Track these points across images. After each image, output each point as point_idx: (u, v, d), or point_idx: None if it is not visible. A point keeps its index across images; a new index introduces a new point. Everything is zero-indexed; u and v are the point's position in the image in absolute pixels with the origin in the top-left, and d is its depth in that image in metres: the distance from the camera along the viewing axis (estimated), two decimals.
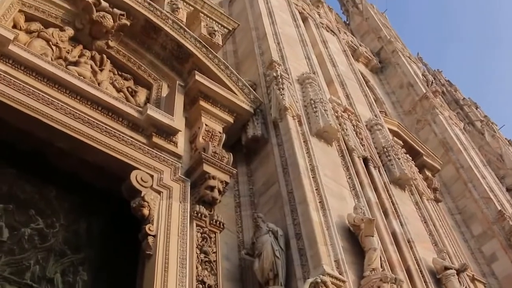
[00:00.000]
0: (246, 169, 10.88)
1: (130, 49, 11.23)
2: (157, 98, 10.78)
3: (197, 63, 11.31)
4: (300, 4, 19.55)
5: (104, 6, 10.65)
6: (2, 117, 8.36)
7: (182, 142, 10.03)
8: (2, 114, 8.35)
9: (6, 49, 8.75)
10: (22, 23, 10.00)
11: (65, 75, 9.27)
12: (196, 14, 13.46)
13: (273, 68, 12.55)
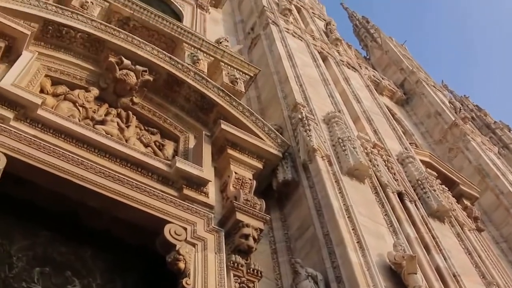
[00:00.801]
0: (280, 214, 10.73)
1: (154, 104, 11.35)
2: (184, 150, 10.80)
3: (221, 112, 11.35)
4: (319, 44, 19.67)
5: (126, 64, 10.84)
6: (34, 181, 8.45)
7: (213, 192, 9.98)
8: (34, 178, 8.44)
9: (35, 114, 8.94)
10: (48, 87, 10.24)
11: (93, 135, 9.39)
12: (216, 63, 13.63)
13: (297, 110, 12.53)
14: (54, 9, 10.70)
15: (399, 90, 25.13)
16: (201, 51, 13.52)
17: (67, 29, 10.74)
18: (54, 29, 10.62)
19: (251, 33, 19.25)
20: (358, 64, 21.75)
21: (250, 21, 20.34)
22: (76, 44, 10.92)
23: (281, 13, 20.31)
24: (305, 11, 24.66)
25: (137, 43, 11.28)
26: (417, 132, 22.64)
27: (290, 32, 18.66)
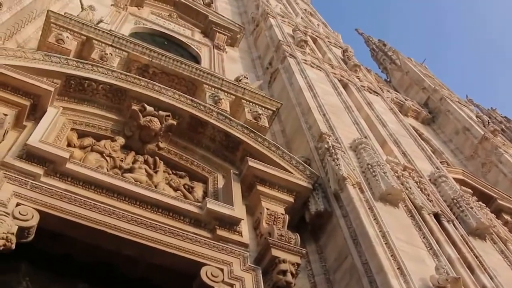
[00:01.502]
0: (316, 246, 10.57)
1: (180, 147, 11.39)
2: (214, 190, 10.78)
3: (247, 149, 11.34)
4: (338, 72, 19.70)
5: (149, 111, 10.94)
6: (68, 234, 8.47)
7: (246, 230, 9.90)
8: (68, 231, 8.45)
9: (64, 168, 9.03)
10: (75, 141, 10.37)
11: (122, 183, 9.43)
12: (238, 101, 13.71)
13: (323, 140, 12.46)
14: (75, 64, 10.90)
15: (424, 109, 24.90)
16: (221, 91, 13.62)
17: (88, 82, 10.91)
18: (76, 83, 10.81)
19: (270, 68, 19.38)
20: (380, 87, 21.69)
21: (267, 56, 20.51)
22: (99, 95, 11.08)
23: (297, 45, 20.46)
24: (321, 41, 24.83)
25: (158, 89, 11.40)
26: (447, 150, 22.30)
27: (308, 63, 18.74)
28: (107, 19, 16.72)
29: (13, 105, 9.51)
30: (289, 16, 26.93)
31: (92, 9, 15.04)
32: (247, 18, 28.08)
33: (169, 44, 18.71)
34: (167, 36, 19.48)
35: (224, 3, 30.76)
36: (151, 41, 17.50)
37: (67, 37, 12.55)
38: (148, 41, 16.66)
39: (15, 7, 12.59)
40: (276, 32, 21.68)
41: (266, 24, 23.44)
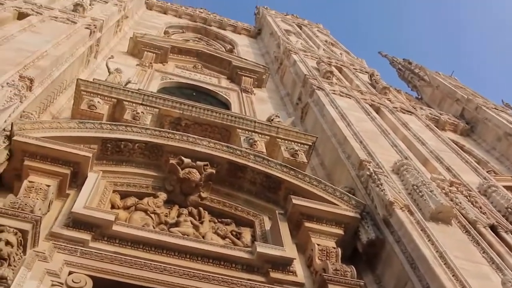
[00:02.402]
0: (373, 276, 10.29)
1: (222, 194, 11.37)
2: (262, 233, 10.66)
3: (289, 187, 11.25)
4: (368, 97, 19.62)
5: (187, 163, 11.00)
6: None
7: (300, 269, 9.72)
8: None
9: (111, 231, 9.10)
10: (118, 202, 10.49)
11: (169, 239, 9.43)
12: (273, 141, 13.71)
13: (364, 167, 12.32)
14: (109, 127, 11.08)
15: (461, 121, 24.46)
16: (255, 133, 13.65)
17: (124, 143, 11.06)
18: (112, 145, 10.96)
19: (299, 103, 19.40)
20: (412, 106, 21.49)
21: (295, 92, 20.56)
22: (136, 154, 11.21)
23: (323, 77, 20.50)
24: (346, 69, 24.85)
25: (192, 140, 11.48)
26: (492, 158, 21.70)
27: (337, 93, 18.73)
28: (134, 79, 17.09)
29: (55, 175, 9.68)
30: (311, 49, 27.09)
31: (118, 71, 15.37)
32: (270, 58, 28.37)
33: (197, 94, 18.94)
34: (194, 87, 19.76)
35: (245, 46, 31.24)
36: (179, 94, 17.78)
37: (98, 102, 12.81)
38: (176, 94, 16.94)
39: (46, 80, 12.96)
40: (300, 67, 21.78)
41: (290, 61, 23.60)
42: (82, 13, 19.26)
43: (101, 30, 18.98)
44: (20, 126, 10.06)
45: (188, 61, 22.61)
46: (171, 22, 32.05)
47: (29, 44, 14.05)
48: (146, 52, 20.73)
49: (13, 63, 12.32)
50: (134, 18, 28.52)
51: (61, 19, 17.69)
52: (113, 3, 23.34)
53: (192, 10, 35.44)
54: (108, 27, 20.42)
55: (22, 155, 9.72)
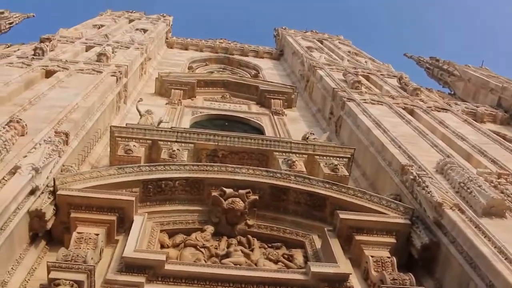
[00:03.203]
0: (432, 281, 10.03)
1: (269, 219, 11.32)
2: (313, 252, 10.54)
3: (334, 202, 11.13)
4: (400, 101, 19.44)
5: (229, 193, 11.02)
6: None
7: (357, 283, 9.57)
8: None
9: (163, 270, 9.14)
10: (167, 241, 10.57)
11: (223, 271, 9.42)
12: (311, 158, 13.64)
13: (407, 172, 12.14)
14: (147, 169, 11.20)
15: (499, 110, 23.91)
16: (292, 153, 13.61)
17: (165, 182, 11.15)
18: (153, 186, 11.06)
19: (332, 117, 19.31)
20: (447, 103, 21.15)
21: (326, 107, 20.49)
22: (178, 192, 11.28)
23: (352, 88, 20.41)
24: (373, 76, 24.70)
25: (231, 169, 11.51)
26: None
27: (368, 101, 18.60)
28: (165, 118, 17.29)
29: (102, 223, 9.84)
30: (335, 62, 27.06)
31: (149, 113, 15.56)
32: (295, 77, 28.42)
33: (230, 123, 19.05)
34: (226, 117, 19.87)
35: (269, 69, 31.38)
36: (212, 126, 17.90)
37: (134, 145, 12.97)
38: (209, 127, 17.06)
39: (81, 132, 13.22)
40: (327, 81, 21.74)
41: (316, 76, 23.58)
42: (106, 62, 19.70)
43: (126, 75, 19.32)
44: (62, 180, 10.27)
45: (216, 92, 22.77)
46: (193, 57, 32.44)
47: (60, 100, 14.40)
48: (173, 90, 20.99)
49: (47, 120, 12.63)
50: (156, 58, 29.00)
51: (87, 71, 18.11)
52: (135, 47, 23.80)
53: (212, 42, 35.86)
54: (133, 72, 20.79)
55: (68, 208, 9.91)
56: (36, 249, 9.61)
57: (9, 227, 8.75)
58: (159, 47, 31.13)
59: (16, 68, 17.50)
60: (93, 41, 24.38)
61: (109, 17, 34.63)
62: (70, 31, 27.19)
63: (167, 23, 36.27)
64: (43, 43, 21.74)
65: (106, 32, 27.52)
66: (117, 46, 23.34)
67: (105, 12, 36.16)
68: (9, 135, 10.92)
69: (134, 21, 34.68)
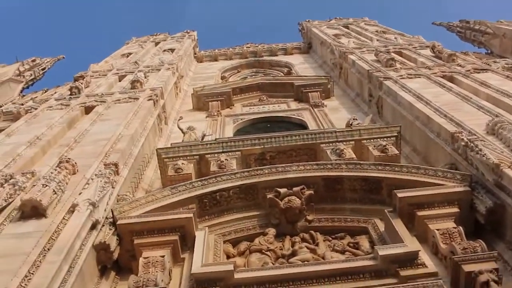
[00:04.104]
0: (504, 243, 9.77)
1: (328, 211, 11.27)
2: (379, 236, 10.42)
3: (390, 183, 10.99)
4: (437, 70, 19.08)
5: (284, 192, 11.03)
6: None
7: (427, 259, 9.38)
8: None
9: (233, 280, 9.21)
10: (232, 251, 10.65)
11: (292, 270, 9.40)
12: (359, 144, 13.57)
13: (457, 139, 11.91)
14: (200, 184, 11.30)
15: None
16: (339, 142, 13.55)
17: (219, 193, 11.25)
18: (209, 199, 11.16)
19: (372, 99, 19.12)
20: (485, 63, 20.62)
21: (364, 90, 20.30)
22: (233, 201, 11.35)
23: (386, 66, 20.14)
24: (406, 51, 24.35)
25: (282, 169, 11.51)
26: None
27: (405, 77, 18.34)
28: (208, 131, 17.46)
29: (165, 245, 9.99)
30: (365, 45, 26.76)
31: (192, 129, 15.74)
32: (328, 66, 28.25)
33: (272, 125, 19.07)
34: (267, 119, 19.90)
35: (301, 64, 31.30)
36: (254, 130, 17.97)
37: (183, 163, 13.14)
38: (252, 131, 17.13)
39: (129, 160, 13.44)
40: (360, 65, 21.56)
41: (348, 62, 23.41)
42: (141, 88, 20.02)
43: (162, 96, 19.58)
44: (120, 210, 10.48)
45: (252, 96, 22.86)
46: (224, 66, 32.65)
47: (103, 133, 14.70)
48: (210, 102, 21.18)
49: (94, 155, 12.92)
50: (189, 75, 29.31)
51: (124, 100, 18.42)
52: (166, 68, 24.10)
53: (240, 48, 36.01)
54: (168, 92, 21.05)
55: (130, 236, 10.11)
56: (107, 280, 9.83)
57: (78, 264, 8.97)
58: (189, 63, 31.44)
59: (56, 111, 17.97)
60: (124, 70, 24.81)
61: (135, 44, 35.19)
62: (101, 65, 27.76)
63: (192, 38, 36.60)
64: (77, 81, 22.28)
65: (135, 59, 27.97)
66: (148, 71, 23.69)
67: (131, 40, 36.77)
68: (61, 176, 11.21)
69: (160, 43, 35.12)
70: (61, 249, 8.88)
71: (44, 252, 8.82)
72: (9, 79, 30.00)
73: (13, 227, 9.85)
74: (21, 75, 31.64)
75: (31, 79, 32.77)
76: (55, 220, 9.78)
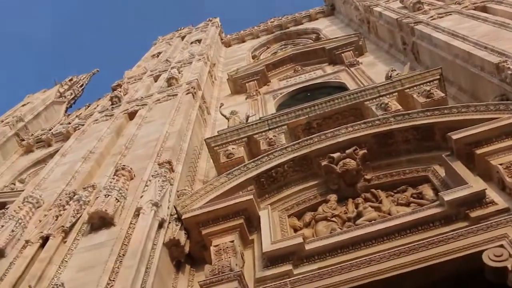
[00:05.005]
0: None
1: (384, 167, 11.19)
2: (441, 182, 10.22)
3: (442, 127, 10.78)
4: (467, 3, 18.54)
5: (338, 156, 11.01)
6: None
7: (496, 196, 9.17)
8: None
9: (305, 252, 9.29)
10: (298, 223, 10.73)
11: (361, 231, 9.39)
12: (402, 94, 13.40)
13: (503, 69, 11.66)
14: (253, 165, 11.41)
15: None
16: (382, 97, 13.41)
17: (274, 170, 11.33)
18: (265, 178, 11.26)
19: (406, 47, 18.81)
20: None
21: (397, 40, 19.95)
22: (289, 174, 11.42)
23: (414, 11, 19.67)
24: None
25: (331, 135, 11.48)
26: None
27: (436, 17, 17.91)
28: (251, 111, 17.50)
29: (232, 230, 10.13)
30: None
31: (234, 113, 15.82)
32: (355, 24, 27.79)
33: (312, 93, 18.97)
34: (305, 88, 19.85)
35: (327, 27, 30.93)
36: (296, 102, 17.92)
37: (233, 148, 13.26)
38: (293, 103, 17.06)
39: (181, 155, 13.63)
40: (388, 15, 21.18)
41: (375, 15, 23.02)
42: (177, 83, 20.17)
43: (199, 87, 19.72)
44: (182, 205, 10.68)
45: (287, 69, 22.81)
46: (253, 46, 32.55)
47: (151, 134, 14.96)
48: (247, 83, 21.24)
49: (147, 157, 13.18)
50: (220, 61, 29.36)
51: (163, 99, 18.64)
52: (197, 60, 24.20)
53: (264, 24, 35.74)
54: (204, 82, 21.17)
55: (197, 227, 10.30)
56: (184, 274, 10.07)
57: (154, 264, 9.20)
58: (218, 50, 31.47)
59: (102, 123, 18.35)
60: (158, 70, 25.03)
61: (162, 43, 35.36)
62: (134, 70, 28.08)
63: (216, 25, 36.55)
64: (115, 90, 22.66)
65: (166, 57, 28.16)
66: (180, 66, 23.84)
67: (157, 40, 36.95)
68: (120, 183, 11.51)
69: (186, 36, 35.18)
70: (135, 252, 9.14)
71: (120, 259, 9.12)
72: (52, 102, 30.71)
73: (86, 240, 10.22)
74: (62, 96, 32.35)
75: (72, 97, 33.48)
76: (123, 226, 10.07)
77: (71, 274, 9.33)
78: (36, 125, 27.51)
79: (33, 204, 12.33)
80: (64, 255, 10.05)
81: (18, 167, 23.12)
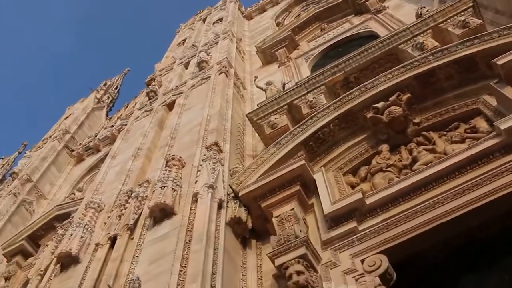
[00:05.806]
0: None
1: (432, 107, 10.90)
2: (493, 111, 9.82)
3: (484, 55, 10.38)
4: None
5: (382, 106, 10.81)
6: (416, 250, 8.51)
7: None
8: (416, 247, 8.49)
9: (367, 206, 9.23)
10: (354, 180, 10.67)
11: (420, 176, 9.21)
12: (437, 29, 13.02)
13: None
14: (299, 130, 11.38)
15: None
16: (416, 36, 13.07)
17: (321, 131, 11.25)
18: (313, 141, 11.21)
19: None
20: None
21: None
22: (336, 133, 11.30)
23: None
24: None
25: (370, 85, 11.25)
26: None
27: None
28: (286, 79, 17.37)
29: (291, 198, 10.07)
30: None
31: (270, 84, 15.69)
32: None
33: (343, 48, 18.65)
34: (336, 45, 19.52)
35: None
36: (329, 59, 17.64)
37: (276, 118, 13.20)
38: (327, 62, 16.82)
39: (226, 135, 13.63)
40: None
41: None
42: (208, 66, 20.12)
43: (231, 65, 19.59)
44: (237, 182, 10.75)
45: (313, 29, 22.43)
46: (275, 13, 32.07)
47: (192, 120, 15.03)
48: (276, 51, 21.02)
49: (193, 143, 13.27)
50: (245, 35, 29.11)
51: (198, 84, 18.64)
52: (222, 38, 24.05)
53: None
54: (234, 59, 21.03)
55: (256, 202, 10.34)
56: (251, 249, 10.20)
57: (220, 244, 9.34)
58: (241, 24, 31.18)
59: (143, 119, 18.53)
60: (186, 56, 24.99)
61: (185, 29, 35.28)
62: (163, 62, 28.15)
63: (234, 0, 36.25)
64: (150, 85, 22.78)
65: (192, 43, 28.06)
66: (208, 48, 23.72)
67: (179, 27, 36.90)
68: (173, 173, 11.64)
69: (207, 18, 35.02)
70: (200, 236, 9.29)
71: (187, 245, 9.30)
72: (92, 109, 31.32)
73: (151, 234, 10.44)
74: (100, 101, 32.91)
75: (110, 101, 34.04)
76: (185, 213, 10.23)
77: (144, 268, 9.57)
78: (82, 134, 28.11)
79: (95, 208, 12.69)
80: (134, 251, 10.35)
81: (73, 177, 23.79)
